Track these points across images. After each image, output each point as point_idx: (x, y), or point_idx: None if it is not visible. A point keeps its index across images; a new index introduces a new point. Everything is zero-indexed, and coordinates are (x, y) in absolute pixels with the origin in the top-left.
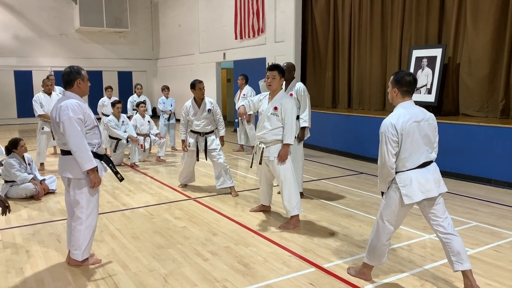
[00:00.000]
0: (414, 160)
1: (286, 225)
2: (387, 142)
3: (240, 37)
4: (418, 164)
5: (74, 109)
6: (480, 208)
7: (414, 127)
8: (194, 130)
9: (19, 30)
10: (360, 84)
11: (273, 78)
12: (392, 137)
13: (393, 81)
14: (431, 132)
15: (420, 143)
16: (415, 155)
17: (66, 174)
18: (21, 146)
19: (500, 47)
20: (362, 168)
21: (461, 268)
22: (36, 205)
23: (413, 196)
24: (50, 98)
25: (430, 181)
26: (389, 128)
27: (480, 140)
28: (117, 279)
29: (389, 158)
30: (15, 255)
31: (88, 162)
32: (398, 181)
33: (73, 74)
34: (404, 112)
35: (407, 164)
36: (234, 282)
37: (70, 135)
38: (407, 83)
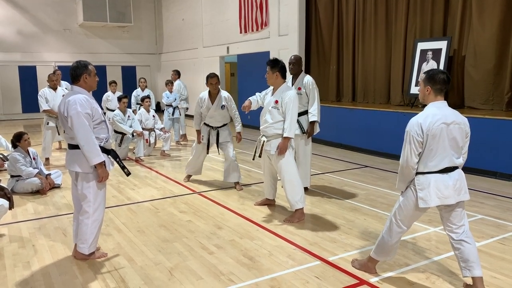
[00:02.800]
0: (436, 163)
1: (291, 219)
2: (411, 142)
3: (243, 31)
4: (440, 168)
5: (82, 104)
6: (486, 201)
7: (442, 129)
8: (207, 124)
9: (23, 26)
10: (364, 77)
11: (267, 73)
12: (417, 137)
13: (425, 79)
14: (461, 137)
15: (446, 146)
16: (439, 158)
17: (74, 168)
18: (25, 140)
19: (505, 39)
20: (367, 162)
21: (469, 274)
22: (42, 200)
23: (429, 200)
24: (55, 93)
25: (449, 188)
26: (415, 127)
27: (485, 133)
28: (123, 272)
29: (412, 158)
30: (22, 249)
31: (96, 156)
32: (416, 183)
33: (79, 69)
34: (435, 112)
35: (429, 166)
36: (239, 275)
37: (78, 130)
38: (441, 81)
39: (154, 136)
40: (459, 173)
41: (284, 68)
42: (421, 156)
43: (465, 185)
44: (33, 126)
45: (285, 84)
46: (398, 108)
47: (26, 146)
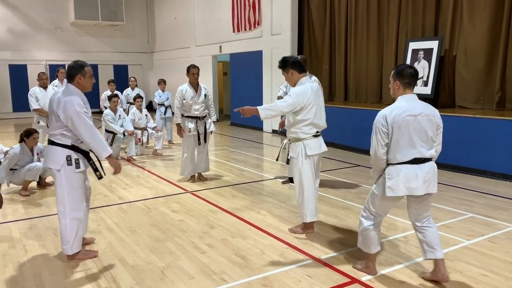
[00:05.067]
0: (404, 154)
1: (295, 229)
2: (377, 133)
3: (236, 30)
4: (409, 159)
5: (79, 104)
6: (476, 199)
7: (408, 121)
8: (193, 115)
9: (14, 24)
10: (356, 77)
11: (283, 75)
12: (382, 127)
13: (394, 74)
14: (430, 129)
15: (413, 137)
16: (406, 149)
17: (48, 164)
18: (34, 137)
19: (496, 39)
20: (358, 161)
21: (433, 256)
22: (33, 200)
23: (396, 190)
24: (45, 92)
25: (418, 179)
26: (381, 119)
27: (476, 132)
28: (114, 272)
29: (379, 149)
30: (12, 249)
31: (104, 150)
32: (386, 173)
33: (75, 69)
34: (402, 104)
35: (398, 157)
36: (231, 275)
37: (82, 129)
38: (408, 75)
39: (147, 135)
40: (430, 166)
41: (295, 62)
42: (389, 147)
43: (435, 178)
44: (24, 125)
45: (304, 78)
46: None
47: (32, 144)
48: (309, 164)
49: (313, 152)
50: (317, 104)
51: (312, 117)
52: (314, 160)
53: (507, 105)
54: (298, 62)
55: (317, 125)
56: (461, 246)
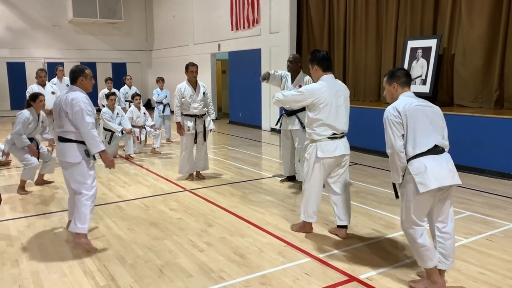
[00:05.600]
0: (425, 141)
1: (295, 225)
2: (391, 125)
3: (235, 28)
4: (430, 147)
5: (85, 102)
6: (474, 198)
7: (418, 110)
8: (192, 114)
9: (12, 21)
10: (355, 75)
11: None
12: (395, 118)
13: (389, 78)
14: (438, 120)
15: (428, 125)
16: (424, 137)
17: (65, 159)
18: (40, 100)
19: (494, 38)
20: (357, 159)
21: (446, 267)
22: (31, 198)
23: (428, 183)
24: (44, 89)
25: (443, 169)
26: (391, 111)
27: (474, 131)
28: (112, 270)
29: (396, 141)
30: (10, 247)
31: (96, 147)
32: (411, 169)
33: (77, 73)
34: (407, 99)
35: (417, 147)
36: (230, 273)
37: (82, 125)
38: (403, 74)
39: (145, 134)
40: (448, 156)
41: (322, 59)
42: (406, 139)
43: (455, 169)
44: None
45: (326, 76)
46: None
47: (40, 107)
48: (319, 167)
49: (325, 155)
50: (333, 105)
51: (324, 118)
52: (326, 164)
53: (505, 103)
54: (325, 59)
55: (333, 127)
56: (459, 244)
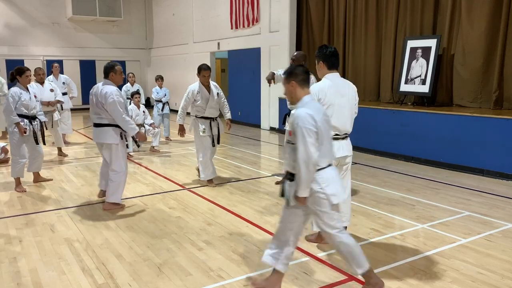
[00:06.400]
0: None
1: (310, 237)
2: (309, 133)
3: (234, 27)
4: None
5: (117, 94)
6: (472, 198)
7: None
8: (206, 116)
9: (11, 19)
10: (354, 75)
11: None
12: (313, 128)
13: (286, 76)
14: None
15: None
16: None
17: (103, 140)
18: (26, 75)
19: (494, 38)
20: (356, 159)
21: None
22: (29, 195)
23: (339, 194)
24: (42, 87)
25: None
26: (309, 119)
27: (473, 131)
28: (111, 268)
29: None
30: (9, 245)
31: (131, 130)
32: (320, 181)
33: (108, 68)
34: (315, 106)
35: (323, 161)
36: (228, 272)
37: (116, 114)
38: (301, 72)
39: (144, 132)
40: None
41: (328, 55)
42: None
43: None
44: None
45: (331, 75)
46: (388, 105)
47: (27, 82)
48: None
49: None
50: (336, 105)
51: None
52: None
53: (504, 104)
54: (332, 56)
55: (336, 128)
56: (458, 244)
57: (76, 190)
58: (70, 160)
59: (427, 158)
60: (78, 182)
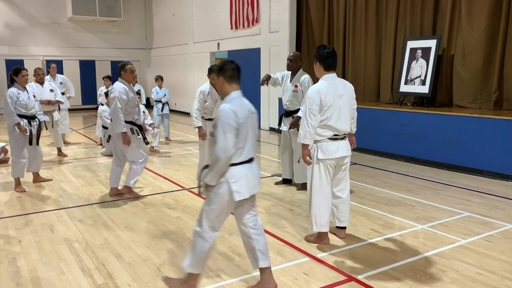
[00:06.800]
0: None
1: (309, 237)
2: (228, 128)
3: (234, 27)
4: (249, 157)
5: (121, 91)
6: (472, 198)
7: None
8: (213, 118)
9: (11, 19)
10: (354, 75)
11: None
12: (234, 124)
13: (217, 71)
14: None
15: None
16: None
17: (112, 133)
18: (23, 75)
19: (494, 38)
20: (356, 159)
21: (265, 265)
22: (29, 195)
23: (244, 192)
24: (42, 87)
25: (256, 177)
26: (230, 114)
27: (473, 132)
28: (110, 268)
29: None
30: (8, 245)
31: (118, 128)
32: (229, 176)
33: (120, 68)
34: (242, 102)
35: (242, 156)
36: (228, 272)
37: (111, 108)
38: (229, 69)
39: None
40: (257, 164)
41: (324, 56)
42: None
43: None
44: None
45: (327, 76)
46: (388, 106)
47: (24, 82)
48: (321, 169)
49: (325, 156)
50: (335, 106)
51: (326, 119)
52: (328, 165)
53: (504, 104)
54: (329, 57)
55: (335, 129)
56: (458, 245)
57: (76, 190)
58: (70, 160)
59: (427, 158)
60: (78, 182)
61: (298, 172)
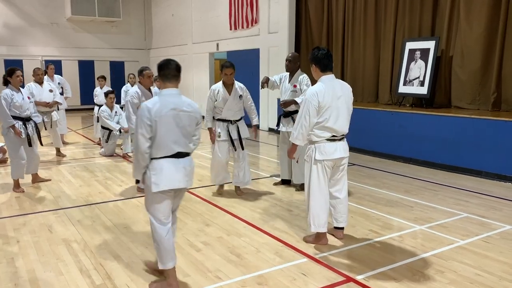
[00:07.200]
0: (167, 148)
1: (307, 238)
2: (142, 124)
3: (233, 28)
4: (174, 152)
5: (133, 95)
6: (471, 199)
7: (169, 116)
8: (224, 119)
9: (9, 19)
10: (353, 76)
11: None
12: (147, 121)
13: (157, 70)
14: (189, 124)
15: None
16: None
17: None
18: (17, 76)
19: (492, 40)
20: (354, 160)
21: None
22: (27, 196)
23: (160, 184)
24: (41, 87)
25: (180, 172)
26: (145, 112)
27: (471, 133)
28: (109, 269)
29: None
30: (6, 245)
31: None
32: (150, 168)
33: (138, 73)
34: (167, 99)
35: (162, 152)
36: (226, 273)
37: (125, 113)
38: (166, 69)
39: None
40: (190, 160)
41: (319, 58)
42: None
43: (193, 170)
44: None
45: (325, 77)
46: (386, 107)
47: (17, 83)
48: (318, 170)
49: (323, 157)
50: (333, 107)
51: (324, 121)
52: (326, 166)
53: (502, 105)
54: (324, 58)
55: (332, 130)
56: (456, 246)
57: (75, 190)
58: (69, 160)
59: (426, 159)
60: (76, 182)
61: (297, 173)
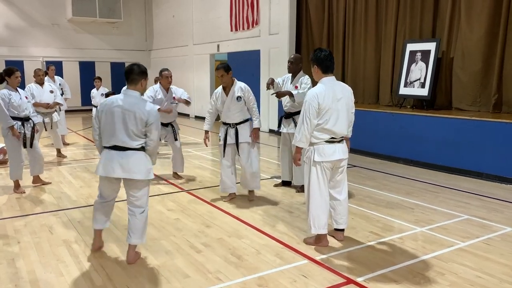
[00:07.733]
0: (107, 140)
1: (308, 239)
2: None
3: (234, 29)
4: (111, 145)
5: (148, 94)
6: (471, 201)
7: (111, 110)
8: (224, 122)
9: (10, 19)
10: (354, 78)
11: None
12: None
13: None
14: (134, 123)
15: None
16: (107, 135)
17: None
18: (16, 76)
19: (493, 41)
20: (355, 161)
21: (128, 241)
22: (28, 197)
23: (97, 169)
24: (42, 88)
25: (115, 163)
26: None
27: (472, 134)
28: (109, 270)
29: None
30: (7, 246)
31: None
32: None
33: (159, 74)
34: (117, 97)
35: (104, 141)
36: (227, 274)
37: None
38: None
39: None
40: (132, 153)
41: (321, 59)
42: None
43: (134, 164)
44: None
45: (326, 79)
46: (387, 108)
47: (16, 84)
48: (317, 172)
49: (322, 158)
50: (333, 109)
51: (323, 123)
52: (325, 167)
53: (503, 107)
54: (326, 60)
55: (331, 131)
56: (457, 247)
57: (75, 191)
58: (69, 161)
59: (426, 161)
60: (77, 183)
61: (297, 174)
